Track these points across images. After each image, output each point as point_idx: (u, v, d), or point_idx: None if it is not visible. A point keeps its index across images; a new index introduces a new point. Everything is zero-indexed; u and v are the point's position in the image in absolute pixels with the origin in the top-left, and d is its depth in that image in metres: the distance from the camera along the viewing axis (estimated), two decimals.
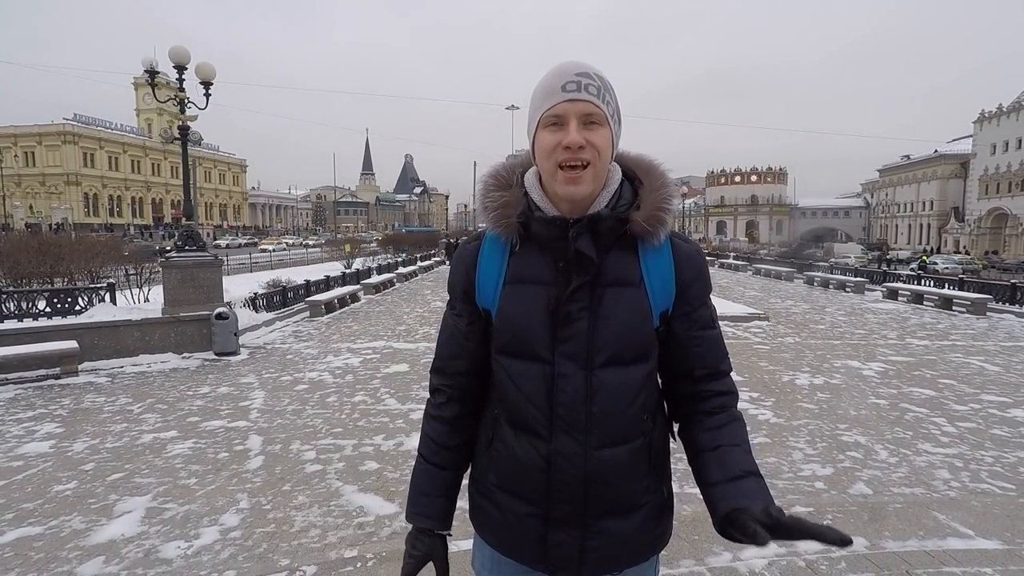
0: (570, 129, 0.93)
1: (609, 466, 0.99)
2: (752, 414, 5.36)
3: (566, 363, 0.98)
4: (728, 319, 11.17)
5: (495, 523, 1.08)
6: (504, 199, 1.03)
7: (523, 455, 1.02)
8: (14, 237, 12.52)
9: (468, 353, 1.11)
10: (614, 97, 0.98)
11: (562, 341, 0.98)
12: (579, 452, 0.98)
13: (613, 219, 0.98)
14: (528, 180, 1.05)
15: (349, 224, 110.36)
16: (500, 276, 1.04)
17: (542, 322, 0.99)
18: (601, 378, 0.98)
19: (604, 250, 0.99)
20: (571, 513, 1.00)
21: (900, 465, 4.17)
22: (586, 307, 0.98)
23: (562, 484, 0.99)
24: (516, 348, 1.02)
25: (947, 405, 5.70)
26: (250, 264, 25.99)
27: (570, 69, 0.95)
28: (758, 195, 78.39)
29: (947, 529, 3.10)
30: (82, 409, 5.62)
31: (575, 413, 0.98)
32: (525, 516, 1.03)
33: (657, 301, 1.01)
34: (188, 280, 8.48)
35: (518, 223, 1.01)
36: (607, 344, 0.97)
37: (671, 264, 1.02)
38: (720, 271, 27.70)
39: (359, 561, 2.84)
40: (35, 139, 67.52)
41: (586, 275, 0.98)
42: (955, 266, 29.08)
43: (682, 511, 3.35)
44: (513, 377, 1.02)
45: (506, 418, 1.06)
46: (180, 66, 8.58)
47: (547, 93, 0.95)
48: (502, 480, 1.06)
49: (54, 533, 3.20)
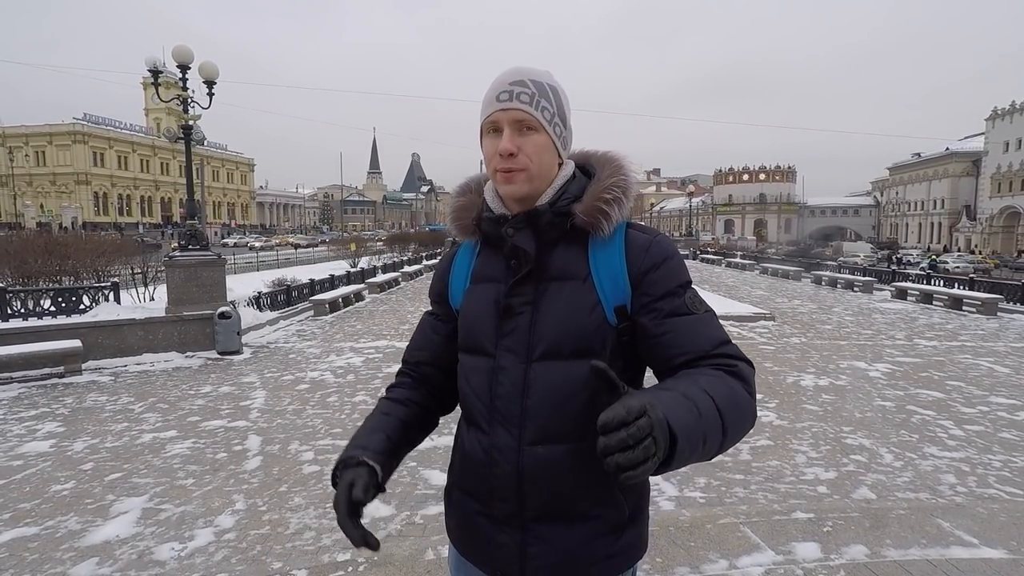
0: (504, 137, 0.97)
1: (543, 464, 0.96)
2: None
3: (507, 356, 0.99)
4: (733, 319, 11.09)
5: (454, 522, 1.10)
6: (460, 203, 1.11)
7: (470, 449, 1.04)
8: (21, 236, 12.61)
9: (433, 345, 1.16)
10: (555, 101, 1.00)
11: (504, 335, 1.00)
12: (512, 446, 0.98)
13: (552, 213, 1.00)
14: (488, 184, 1.09)
15: (356, 223, 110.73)
16: (467, 277, 1.10)
17: (489, 317, 1.02)
18: (537, 371, 0.97)
19: (549, 245, 1.01)
20: (511, 514, 0.99)
21: (905, 469, 4.10)
22: (529, 301, 0.99)
23: (499, 480, 0.99)
24: (469, 344, 1.05)
25: (955, 408, 5.61)
26: (257, 263, 26.12)
27: (506, 79, 0.99)
28: (766, 193, 77.93)
29: (951, 537, 3.04)
30: (84, 408, 5.65)
31: (511, 406, 0.98)
32: (475, 514, 1.04)
33: (608, 295, 0.97)
34: (192, 279, 8.51)
35: (474, 224, 1.07)
36: (544, 337, 0.97)
37: (622, 256, 0.99)
38: (727, 270, 27.54)
39: (350, 565, 2.82)
40: (46, 139, 68.19)
41: (524, 268, 0.99)
42: (965, 265, 28.76)
43: (679, 517, 3.32)
44: (466, 373, 1.06)
45: (463, 415, 1.10)
46: (184, 65, 8.60)
47: (487, 102, 1.00)
48: (457, 477, 1.09)
49: (49, 534, 3.20)
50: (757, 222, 77.21)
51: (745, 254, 32.59)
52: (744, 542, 3.00)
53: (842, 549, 2.93)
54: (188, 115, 9.08)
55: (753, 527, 3.17)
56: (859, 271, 20.00)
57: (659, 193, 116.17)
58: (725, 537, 3.05)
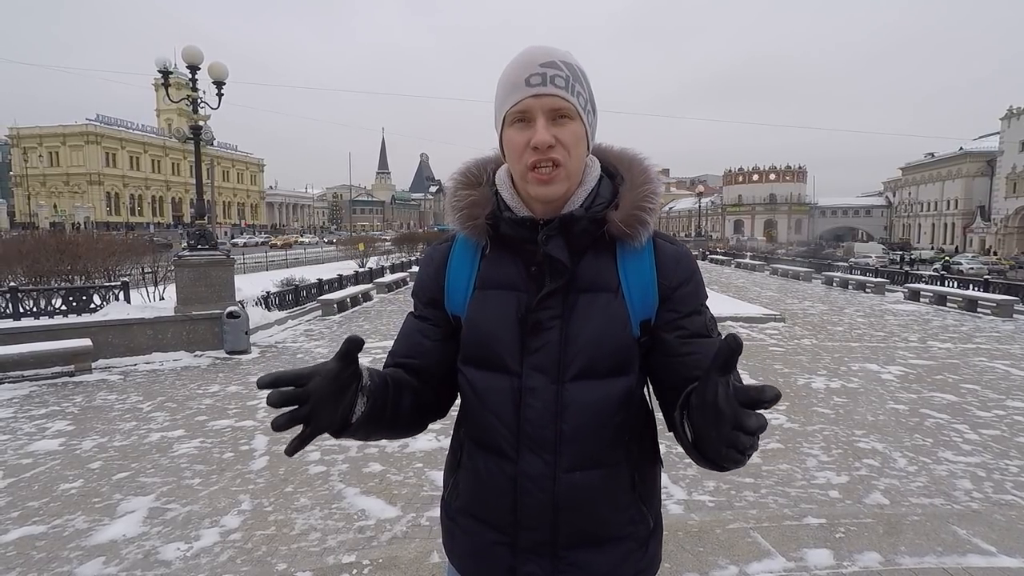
0: (537, 127, 0.85)
1: (582, 491, 0.90)
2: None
3: (535, 376, 0.90)
4: (743, 320, 10.98)
5: (463, 550, 1.01)
6: (471, 198, 0.96)
7: (488, 477, 0.94)
8: (34, 236, 12.75)
9: (423, 351, 1.01)
10: (586, 85, 0.90)
11: (531, 352, 0.90)
12: (547, 474, 0.89)
13: (588, 220, 0.90)
14: (499, 178, 0.97)
15: (365, 223, 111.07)
16: (470, 281, 0.97)
17: (511, 331, 0.91)
18: (572, 392, 0.89)
19: (578, 253, 0.91)
20: (541, 542, 0.91)
21: (919, 474, 4.02)
22: (558, 315, 0.90)
23: (530, 510, 0.91)
24: (482, 359, 0.94)
25: (970, 411, 5.51)
26: (266, 263, 26.27)
27: (534, 59, 0.86)
28: (776, 194, 77.38)
29: (967, 545, 2.97)
30: (93, 407, 5.68)
31: (543, 431, 0.89)
32: (493, 544, 0.95)
33: (636, 308, 0.91)
34: (200, 279, 8.54)
35: (487, 224, 0.94)
36: (579, 355, 0.89)
37: (653, 268, 0.93)
38: (736, 271, 27.33)
39: (355, 568, 2.80)
40: (59, 139, 69.12)
41: (558, 281, 0.90)
42: (980, 266, 28.37)
43: (688, 521, 3.27)
44: (478, 391, 0.94)
45: (471, 437, 0.98)
46: (193, 66, 8.64)
47: (511, 87, 0.87)
48: (468, 504, 0.99)
49: (57, 532, 3.21)
50: (767, 222, 76.70)
51: (755, 255, 32.35)
52: (754, 548, 2.95)
53: (855, 556, 2.87)
54: (198, 115, 9.13)
55: (763, 532, 3.12)
56: (871, 272, 19.78)
57: (668, 194, 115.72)
58: (734, 542, 3.00)
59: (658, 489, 1.02)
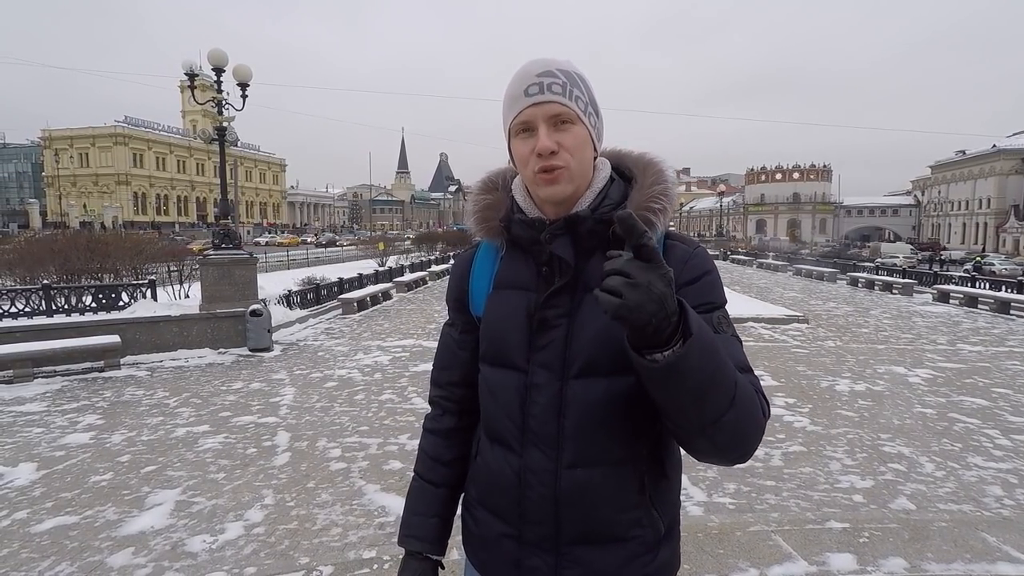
0: (539, 135, 0.89)
1: (583, 487, 0.91)
2: (787, 421, 5.16)
3: (541, 372, 0.93)
4: (765, 321, 10.83)
5: (475, 540, 1.05)
6: (487, 202, 1.02)
7: (497, 470, 0.98)
8: (66, 235, 13.11)
9: (461, 363, 1.09)
10: (585, 89, 0.93)
11: (538, 349, 0.93)
12: (550, 469, 0.92)
13: (594, 220, 0.92)
14: (515, 184, 1.03)
15: (384, 222, 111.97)
16: (490, 282, 1.02)
17: (520, 329, 0.95)
18: (575, 389, 0.91)
19: (587, 253, 0.93)
20: (544, 536, 0.94)
21: (947, 480, 3.93)
22: (564, 313, 0.93)
23: (533, 503, 0.93)
24: (494, 356, 0.99)
25: (1001, 416, 5.36)
26: (287, 261, 26.65)
27: (532, 70, 0.91)
28: (800, 193, 76.00)
29: (997, 552, 2.90)
30: (122, 402, 5.83)
31: (547, 426, 0.92)
32: (500, 536, 0.99)
33: None
34: (225, 277, 8.72)
35: (501, 226, 0.99)
36: (582, 352, 0.91)
37: None
38: (758, 271, 26.95)
39: (376, 563, 2.84)
40: (89, 141, 71.04)
41: (563, 279, 0.92)
42: (1014, 267, 27.52)
43: (708, 523, 3.24)
44: (491, 386, 0.99)
45: (485, 430, 1.03)
46: (218, 68, 8.82)
47: (512, 100, 0.92)
48: (480, 495, 1.03)
49: (88, 523, 3.31)
50: (790, 222, 75.35)
51: (777, 255, 31.83)
52: (775, 551, 2.92)
53: (879, 561, 2.82)
54: (222, 117, 9.30)
55: (785, 536, 3.08)
56: (898, 273, 19.33)
57: (689, 193, 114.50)
58: (755, 545, 2.97)
59: (674, 495, 1.01)
